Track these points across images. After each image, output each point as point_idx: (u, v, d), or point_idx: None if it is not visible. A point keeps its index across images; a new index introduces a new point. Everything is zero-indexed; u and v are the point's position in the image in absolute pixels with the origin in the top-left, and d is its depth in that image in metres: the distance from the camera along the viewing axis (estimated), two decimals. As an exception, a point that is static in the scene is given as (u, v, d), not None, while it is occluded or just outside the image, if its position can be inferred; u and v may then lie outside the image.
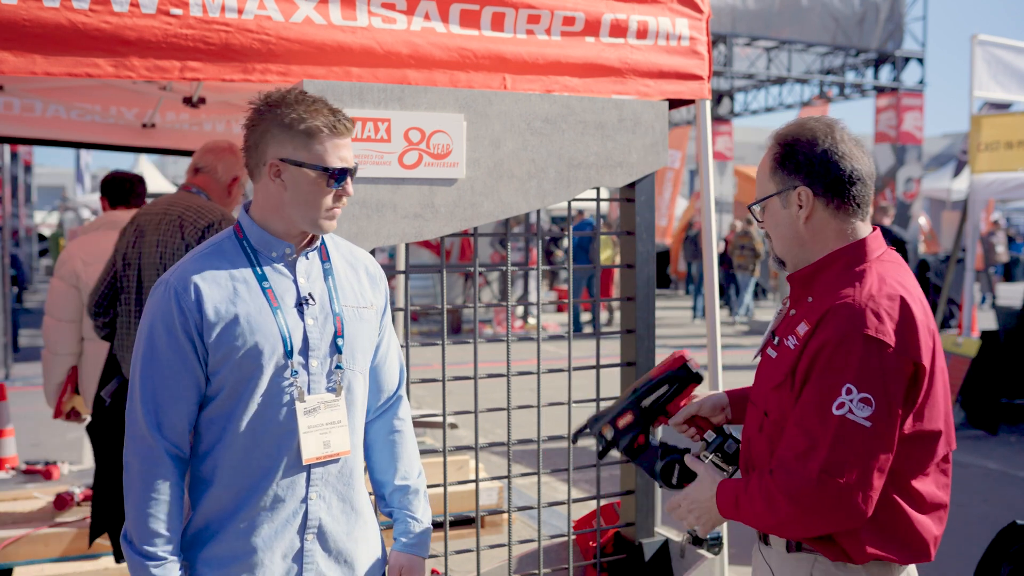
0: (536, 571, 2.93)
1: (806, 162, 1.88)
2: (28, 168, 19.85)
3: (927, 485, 1.87)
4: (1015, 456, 7.07)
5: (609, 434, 2.16)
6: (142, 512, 1.84)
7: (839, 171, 1.87)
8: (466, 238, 4.56)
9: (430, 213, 2.64)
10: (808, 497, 1.75)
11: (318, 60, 2.56)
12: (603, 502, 3.12)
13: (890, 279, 1.82)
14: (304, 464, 1.93)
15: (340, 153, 1.92)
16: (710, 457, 2.03)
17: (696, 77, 3.14)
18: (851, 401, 1.73)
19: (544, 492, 5.82)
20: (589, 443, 7.89)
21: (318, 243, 2.01)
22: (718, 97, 18.37)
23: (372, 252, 2.60)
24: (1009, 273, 23.62)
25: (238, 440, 1.89)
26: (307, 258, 1.99)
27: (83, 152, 22.13)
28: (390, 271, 3.00)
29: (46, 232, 28.21)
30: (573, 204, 2.94)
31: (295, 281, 1.96)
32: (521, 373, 2.97)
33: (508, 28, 2.80)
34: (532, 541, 3.00)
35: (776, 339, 1.95)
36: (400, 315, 7.53)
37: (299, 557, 1.95)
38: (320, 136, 1.89)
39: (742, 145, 30.28)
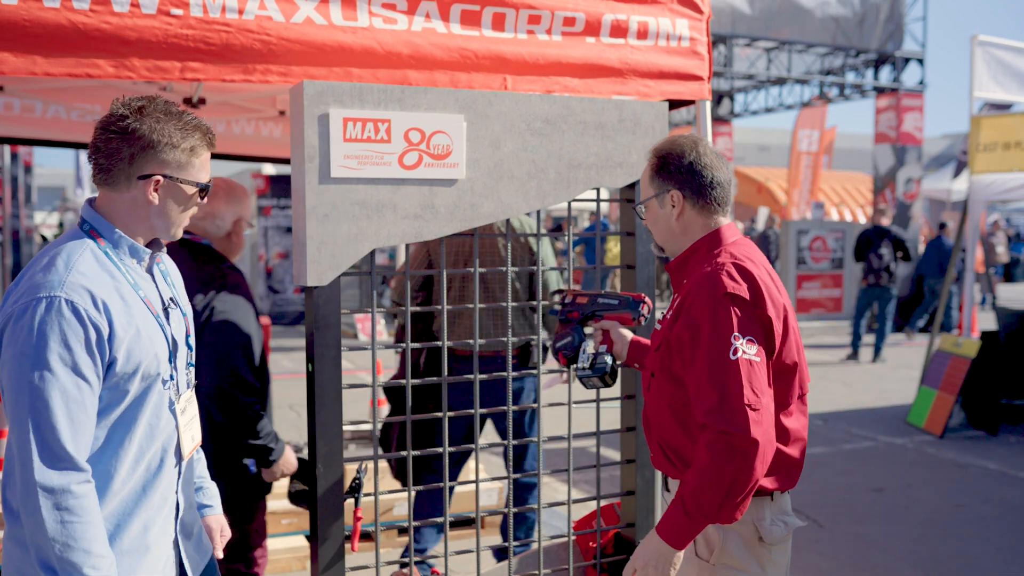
0: (536, 571, 2.93)
1: (676, 171, 2.31)
2: (28, 169, 19.80)
3: (791, 421, 2.25)
4: (1015, 456, 7.07)
5: (568, 299, 2.68)
6: (84, 539, 1.78)
7: (701, 178, 2.30)
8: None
9: (430, 214, 2.64)
10: (746, 425, 2.05)
11: (319, 60, 2.56)
12: (603, 503, 3.12)
13: (739, 255, 2.24)
14: (184, 459, 2.06)
15: (207, 167, 2.02)
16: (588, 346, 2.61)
17: (696, 78, 3.14)
18: (741, 345, 2.11)
19: (544, 492, 5.82)
20: (589, 443, 7.86)
21: (161, 249, 2.07)
22: (718, 98, 18.35)
23: (372, 253, 2.61)
24: (1009, 274, 23.64)
25: (134, 445, 1.93)
26: (156, 263, 2.06)
27: (83, 153, 22.12)
28: (390, 271, 2.99)
29: (48, 233, 28.23)
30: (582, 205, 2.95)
31: (156, 286, 2.04)
32: (521, 374, 2.97)
33: (509, 28, 2.80)
34: (532, 541, 3.00)
35: (662, 316, 2.40)
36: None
37: (175, 544, 2.08)
38: (199, 153, 1.98)
39: (742, 146, 30.30)
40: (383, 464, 4.88)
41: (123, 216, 1.96)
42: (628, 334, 2.66)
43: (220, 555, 2.31)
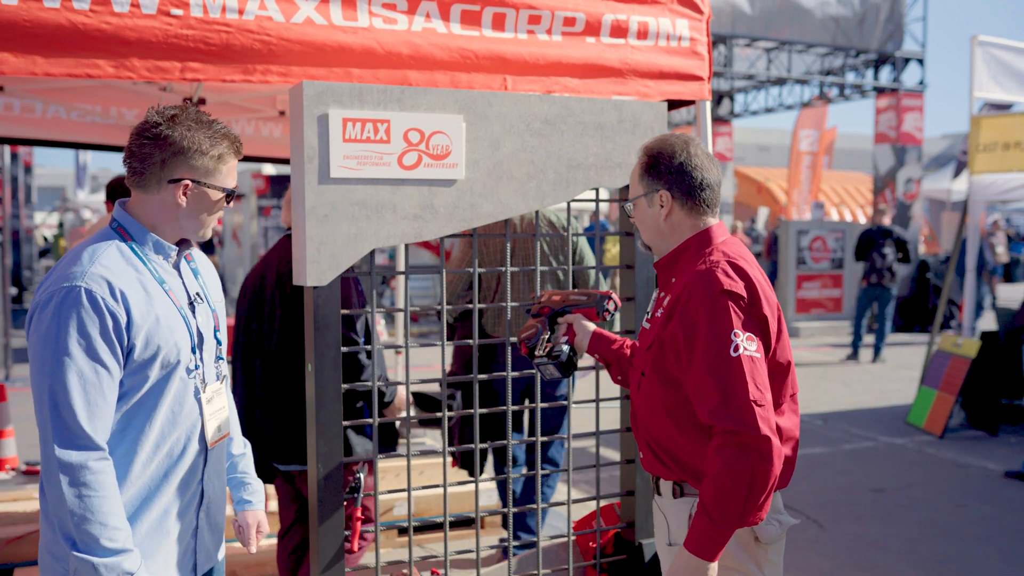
0: (536, 571, 2.93)
1: (666, 171, 2.28)
2: (28, 169, 19.82)
3: (784, 420, 2.24)
4: (1015, 456, 7.07)
5: (543, 298, 2.69)
6: (100, 513, 1.88)
7: (691, 179, 2.27)
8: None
9: (429, 214, 2.64)
10: (754, 422, 2.04)
11: (319, 61, 2.56)
12: (603, 503, 3.12)
13: (731, 253, 2.23)
14: (207, 448, 2.12)
15: (233, 174, 2.12)
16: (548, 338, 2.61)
17: (696, 78, 3.14)
18: (742, 341, 2.10)
19: (544, 492, 5.80)
20: (589, 443, 7.83)
21: (190, 247, 2.18)
22: (718, 98, 18.33)
23: (371, 253, 2.61)
24: (1009, 274, 23.64)
25: (155, 430, 2.02)
26: (184, 260, 2.16)
27: (83, 153, 22.13)
28: (390, 271, 3.00)
29: (48, 233, 28.22)
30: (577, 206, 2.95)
31: (183, 282, 2.13)
32: (521, 374, 2.97)
33: (509, 28, 2.80)
34: (532, 541, 3.00)
35: (649, 314, 2.38)
36: (400, 316, 7.54)
37: (195, 533, 2.13)
38: (227, 160, 2.08)
39: (742, 146, 30.27)
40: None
41: (153, 217, 2.07)
42: (591, 326, 2.67)
43: (253, 550, 2.36)
